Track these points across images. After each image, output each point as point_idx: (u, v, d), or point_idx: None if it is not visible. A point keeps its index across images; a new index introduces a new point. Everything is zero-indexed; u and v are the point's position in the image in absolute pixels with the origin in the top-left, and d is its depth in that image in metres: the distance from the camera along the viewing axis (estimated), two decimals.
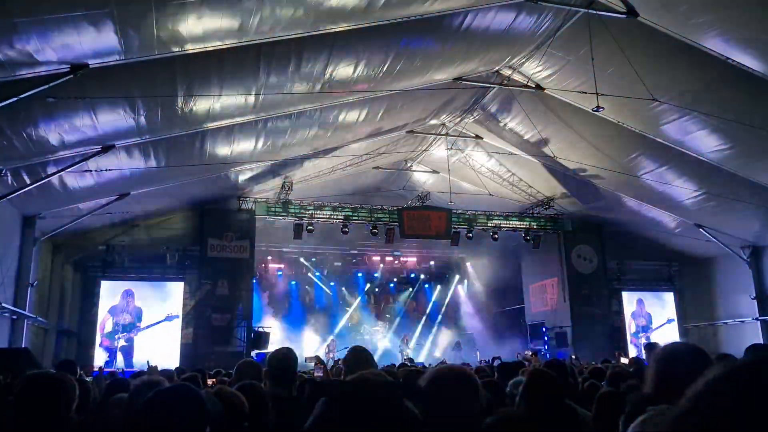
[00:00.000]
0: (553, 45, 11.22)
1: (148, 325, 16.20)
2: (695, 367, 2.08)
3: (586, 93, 11.16)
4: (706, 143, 12.27)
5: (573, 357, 15.31)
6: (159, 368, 8.18)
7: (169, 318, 16.36)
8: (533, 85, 12.78)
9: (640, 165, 14.21)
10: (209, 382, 7.19)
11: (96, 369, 13.21)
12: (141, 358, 15.91)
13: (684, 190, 14.46)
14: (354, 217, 18.01)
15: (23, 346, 12.02)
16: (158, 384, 3.19)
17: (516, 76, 12.96)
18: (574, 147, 14.61)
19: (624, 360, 15.53)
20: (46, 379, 2.55)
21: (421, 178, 19.64)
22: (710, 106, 10.96)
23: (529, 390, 3.03)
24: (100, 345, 15.72)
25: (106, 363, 14.85)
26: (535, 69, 12.32)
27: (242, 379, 3.57)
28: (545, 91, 12.74)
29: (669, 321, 20.07)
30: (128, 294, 16.42)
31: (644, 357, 11.45)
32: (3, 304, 11.38)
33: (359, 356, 3.71)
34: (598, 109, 10.68)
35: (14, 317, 12.45)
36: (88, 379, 7.37)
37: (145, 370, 9.18)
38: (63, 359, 6.31)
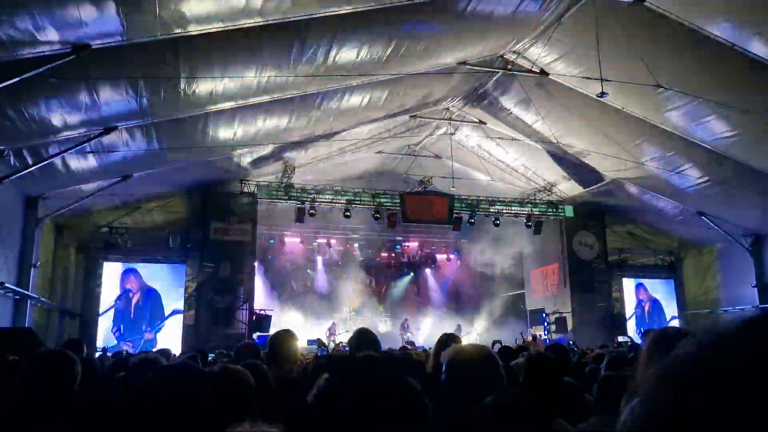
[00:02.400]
0: (559, 30, 11.14)
1: (158, 325, 16.32)
2: None
3: (590, 79, 11.10)
4: (710, 130, 12.21)
5: (570, 342, 15.37)
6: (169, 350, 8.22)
7: (175, 312, 16.49)
8: (537, 71, 12.71)
9: (644, 151, 14.17)
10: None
11: (99, 350, 13.32)
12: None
13: (687, 177, 14.42)
14: (356, 202, 18.01)
15: (26, 326, 12.11)
16: (155, 362, 3.23)
17: (520, 61, 12.89)
18: (577, 133, 14.57)
19: (621, 338, 15.65)
20: (49, 357, 2.58)
21: (424, 163, 19.60)
22: (716, 93, 10.90)
23: (528, 373, 3.06)
24: (119, 343, 15.72)
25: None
26: (539, 54, 12.24)
27: (241, 360, 3.60)
28: (549, 76, 12.68)
29: (673, 318, 20.16)
30: (131, 272, 16.50)
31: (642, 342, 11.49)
32: (6, 285, 11.44)
33: (364, 338, 3.74)
34: (602, 95, 10.64)
35: (17, 297, 12.52)
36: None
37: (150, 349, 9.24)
38: (69, 338, 6.38)
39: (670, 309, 20.43)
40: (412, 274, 25.56)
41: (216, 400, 2.28)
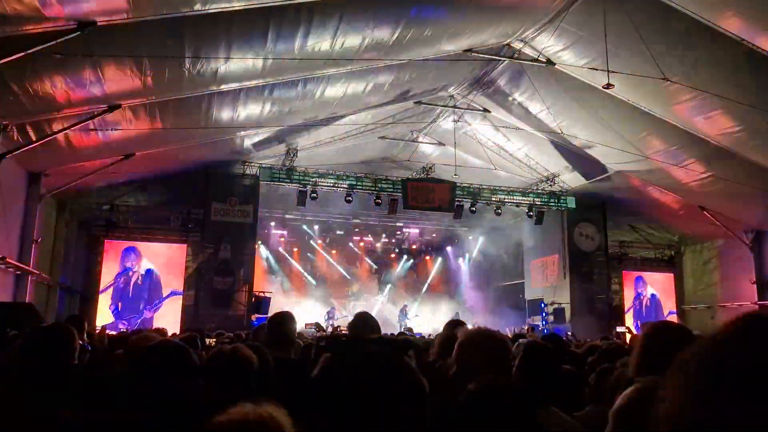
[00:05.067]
0: (567, 19, 11.06)
1: (156, 305, 16.40)
2: (678, 345, 2.19)
3: (597, 69, 11.04)
4: (715, 125, 12.16)
5: (569, 334, 15.43)
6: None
7: (173, 293, 16.55)
8: (544, 60, 12.64)
9: (648, 145, 14.12)
10: (210, 341, 7.29)
11: (98, 329, 13.39)
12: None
13: (690, 171, 14.39)
14: (358, 187, 17.99)
15: (27, 301, 12.16)
16: (152, 340, 3.30)
17: (527, 50, 12.80)
18: (582, 124, 14.52)
19: (620, 328, 15.71)
20: (47, 330, 2.61)
21: (427, 149, 19.56)
22: (722, 88, 10.84)
23: (523, 361, 3.08)
24: (116, 321, 15.82)
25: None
26: (546, 43, 12.15)
27: (256, 341, 3.68)
28: (556, 66, 12.61)
29: (671, 312, 20.19)
30: (132, 251, 16.56)
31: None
32: (8, 260, 11.48)
33: (365, 322, 3.77)
34: (608, 87, 10.59)
35: (18, 273, 12.57)
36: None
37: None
38: (71, 314, 6.46)
39: (669, 303, 20.48)
40: (411, 260, 25.62)
41: (221, 380, 2.33)
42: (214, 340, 7.63)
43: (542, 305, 20.12)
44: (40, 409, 2.19)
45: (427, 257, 25.87)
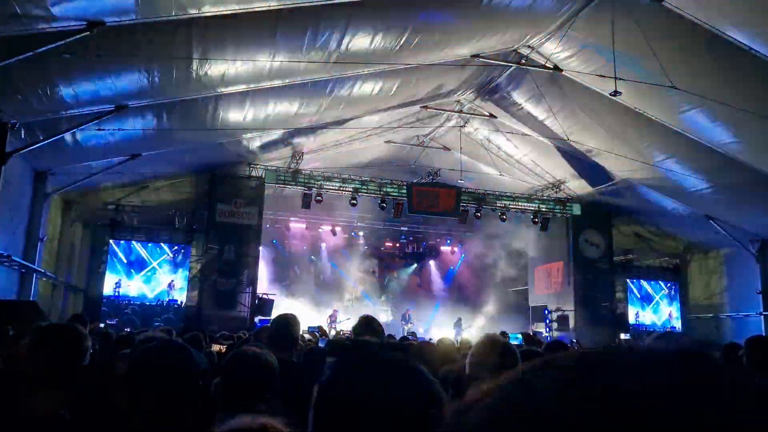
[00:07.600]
0: (575, 26, 11.05)
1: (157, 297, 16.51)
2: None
3: (604, 77, 11.02)
4: (723, 134, 12.11)
5: (574, 341, 15.37)
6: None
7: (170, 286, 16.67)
8: (551, 66, 12.62)
9: (655, 152, 14.07)
10: (216, 347, 7.19)
11: (100, 326, 13.41)
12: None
13: (697, 180, 14.33)
14: (363, 190, 17.99)
15: (31, 299, 12.19)
16: (157, 340, 3.30)
17: (534, 56, 12.80)
18: (588, 131, 14.48)
19: (624, 336, 15.61)
20: (60, 330, 2.60)
21: (432, 154, 19.55)
22: (730, 96, 10.79)
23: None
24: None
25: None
26: (554, 50, 12.14)
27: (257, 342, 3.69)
28: (563, 72, 12.59)
29: (672, 328, 19.99)
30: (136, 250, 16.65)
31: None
32: (13, 258, 11.51)
33: (368, 324, 3.76)
34: (615, 94, 10.56)
35: (23, 271, 12.61)
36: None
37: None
38: (74, 314, 6.45)
39: (674, 312, 20.37)
40: (415, 265, 25.57)
41: (240, 383, 2.34)
42: (224, 347, 7.32)
43: (546, 312, 20.06)
44: (43, 410, 2.19)
45: (431, 262, 25.80)
